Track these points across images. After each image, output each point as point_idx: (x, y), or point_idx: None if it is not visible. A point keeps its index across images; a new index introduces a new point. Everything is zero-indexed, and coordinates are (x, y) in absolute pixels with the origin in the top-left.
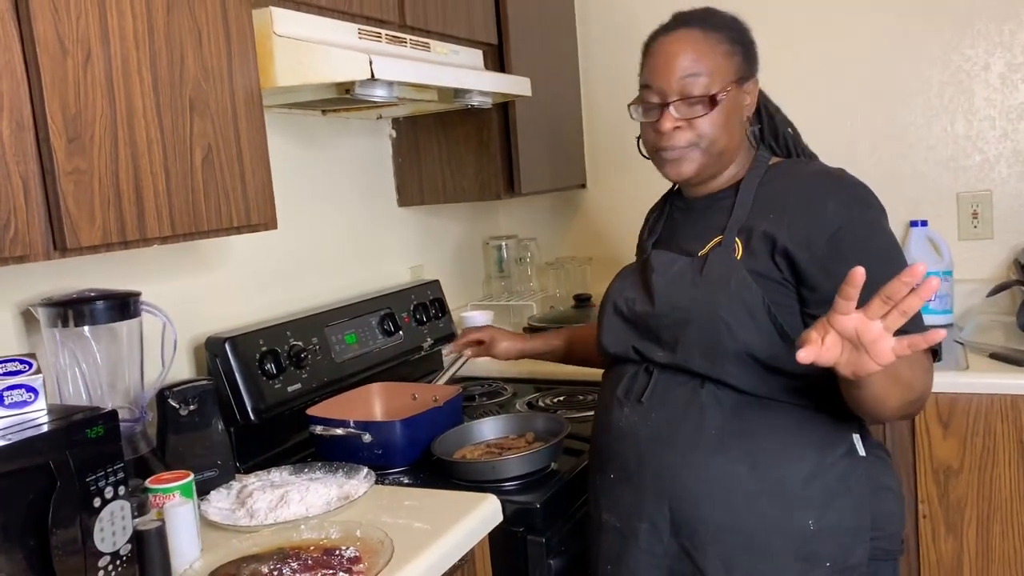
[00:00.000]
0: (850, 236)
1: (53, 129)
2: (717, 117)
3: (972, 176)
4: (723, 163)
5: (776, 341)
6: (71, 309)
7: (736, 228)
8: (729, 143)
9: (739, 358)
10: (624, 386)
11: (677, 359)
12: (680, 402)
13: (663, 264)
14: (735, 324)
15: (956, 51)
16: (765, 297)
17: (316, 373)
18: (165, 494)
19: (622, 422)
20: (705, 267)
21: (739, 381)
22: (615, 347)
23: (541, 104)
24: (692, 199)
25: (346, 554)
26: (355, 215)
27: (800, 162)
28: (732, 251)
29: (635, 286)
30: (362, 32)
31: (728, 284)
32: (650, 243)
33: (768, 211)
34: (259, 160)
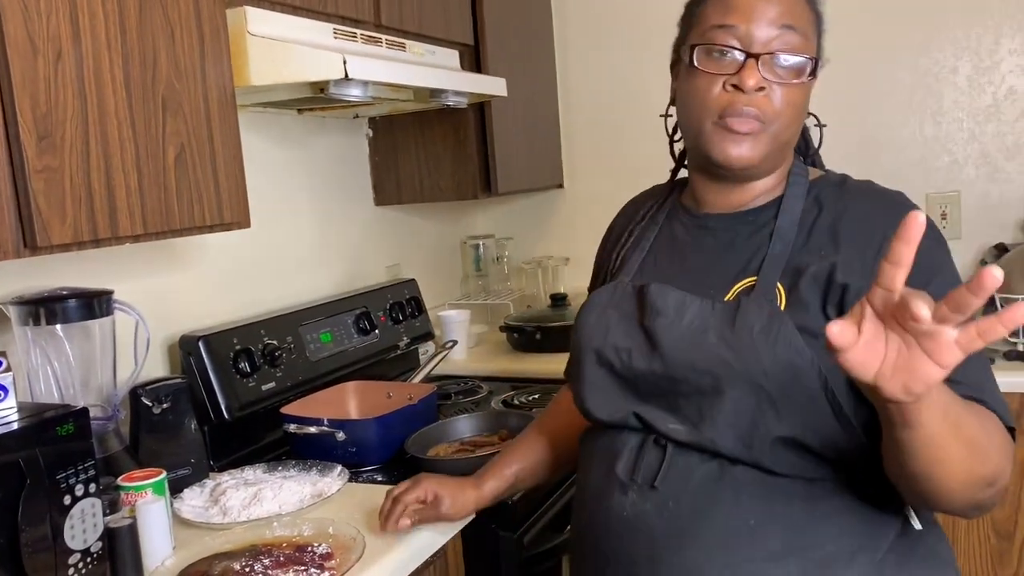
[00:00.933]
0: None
1: (23, 127)
2: (803, 94)
3: (941, 177)
4: (777, 162)
5: (832, 426)
6: (43, 307)
7: (777, 268)
8: (794, 136)
9: (785, 445)
10: (626, 463)
11: (702, 438)
12: (707, 485)
13: (672, 306)
14: (782, 402)
15: (925, 54)
16: (822, 368)
17: (291, 372)
18: (137, 492)
19: (627, 511)
20: (738, 319)
21: (781, 467)
22: (607, 414)
23: (518, 104)
24: (706, 215)
25: (318, 551)
26: (331, 214)
27: (846, 180)
28: (774, 299)
29: (628, 331)
30: (337, 32)
31: (772, 346)
32: (636, 263)
33: (815, 249)
34: (232, 159)
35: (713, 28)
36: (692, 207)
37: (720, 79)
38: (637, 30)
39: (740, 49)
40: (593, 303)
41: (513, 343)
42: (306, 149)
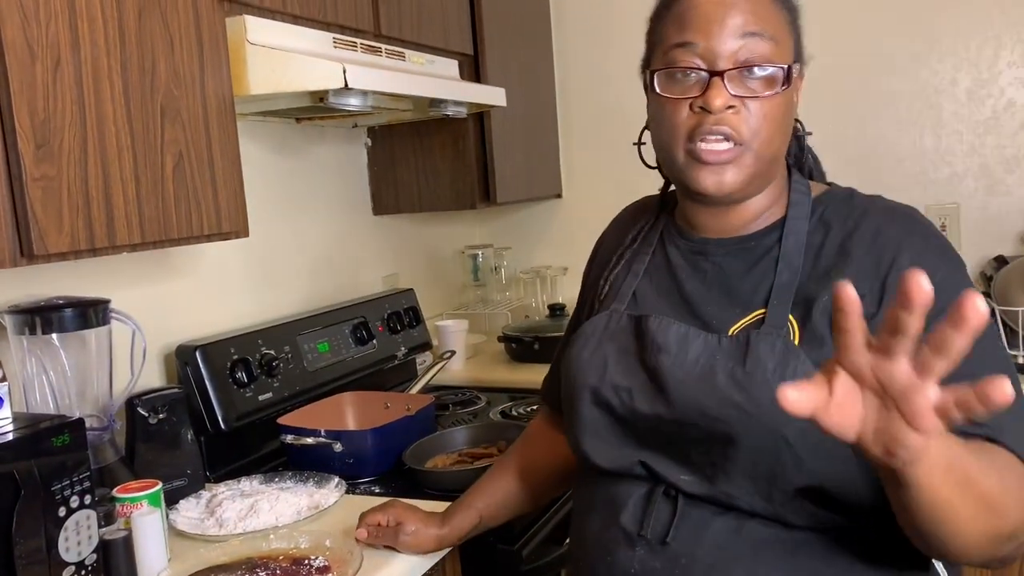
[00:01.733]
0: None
1: (21, 135)
2: (783, 104)
3: (940, 189)
4: (766, 179)
5: (853, 468)
6: (39, 316)
7: (787, 298)
8: (780, 149)
9: (807, 496)
10: (632, 515)
11: (716, 492)
12: (722, 540)
13: (672, 341)
14: (804, 450)
15: (924, 66)
16: None
17: (288, 382)
18: (132, 503)
19: (635, 568)
20: (749, 357)
21: (803, 520)
22: (608, 460)
23: (517, 114)
24: (704, 240)
25: (315, 563)
26: (330, 223)
27: (854, 195)
28: (786, 334)
29: (628, 367)
30: (337, 41)
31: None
32: (629, 290)
33: (825, 275)
34: (231, 168)
35: (673, 48)
36: (686, 230)
37: (686, 102)
38: (636, 40)
39: (703, 68)
40: (586, 335)
41: (511, 353)
42: (305, 158)
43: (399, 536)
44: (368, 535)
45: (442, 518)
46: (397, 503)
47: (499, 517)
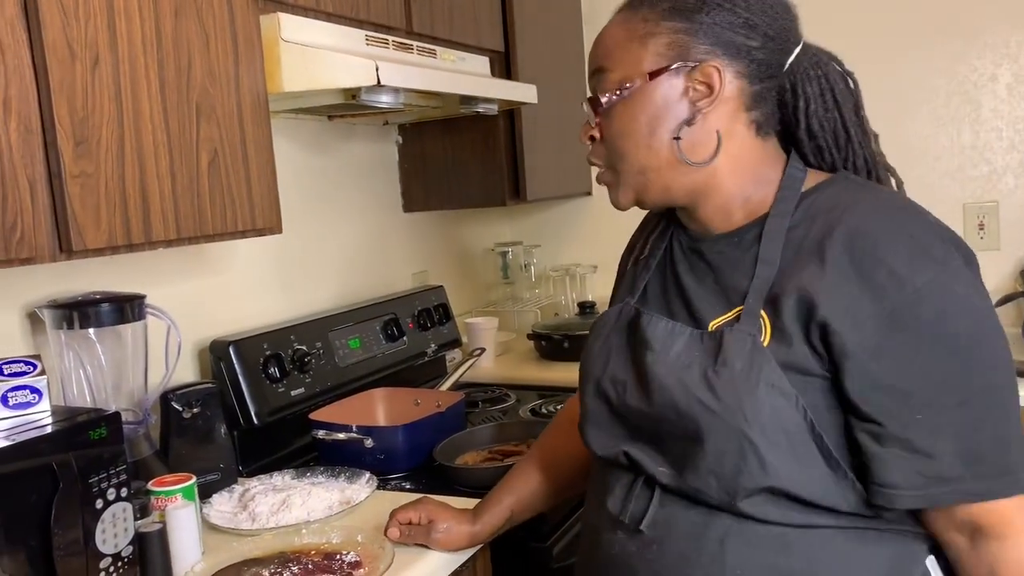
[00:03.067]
0: (916, 311)
1: (60, 132)
2: (616, 125)
3: (979, 187)
4: (680, 186)
5: (822, 472)
6: (76, 311)
7: (760, 296)
8: (652, 160)
9: (771, 494)
10: (615, 502)
11: (685, 485)
12: (692, 531)
13: (660, 338)
14: (767, 450)
15: (963, 61)
16: (808, 410)
17: (320, 377)
18: (167, 496)
19: (615, 549)
20: (720, 355)
21: (768, 515)
22: (601, 448)
23: (547, 111)
24: (700, 237)
25: (347, 559)
26: (360, 220)
27: (849, 185)
28: (757, 333)
29: (624, 361)
30: (369, 39)
31: (755, 388)
32: (642, 283)
33: (801, 269)
34: (265, 164)
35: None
36: (689, 228)
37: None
38: None
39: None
40: (599, 328)
41: (540, 351)
42: (336, 156)
43: (431, 534)
44: (400, 534)
45: (474, 515)
46: (428, 500)
47: (529, 511)
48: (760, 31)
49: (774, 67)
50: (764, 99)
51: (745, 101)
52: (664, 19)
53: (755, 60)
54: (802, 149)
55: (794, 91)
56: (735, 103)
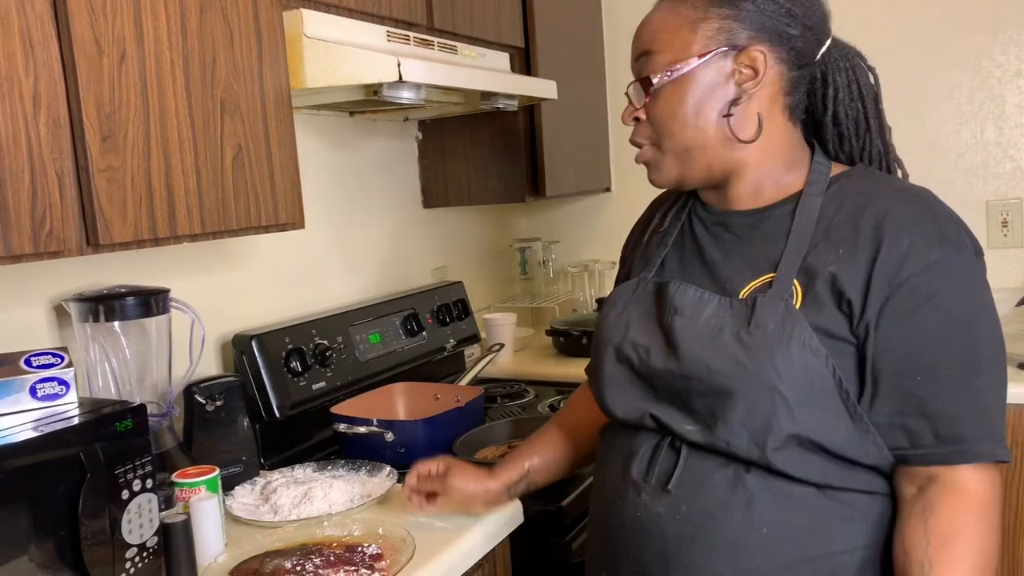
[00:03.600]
0: (926, 285)
1: (88, 127)
2: (664, 106)
3: (1002, 184)
4: (718, 164)
5: (847, 424)
6: (102, 305)
7: (794, 265)
8: (698, 137)
9: (799, 444)
10: (640, 464)
11: (715, 440)
12: (720, 491)
13: (689, 304)
14: (796, 402)
15: (987, 57)
16: (836, 367)
17: (340, 372)
18: (191, 488)
19: (640, 512)
20: (753, 318)
21: (796, 470)
22: (624, 411)
23: (567, 107)
24: (725, 212)
25: (368, 551)
26: (381, 216)
27: (870, 175)
28: (789, 297)
29: (647, 328)
30: (390, 35)
31: (787, 346)
32: (658, 260)
33: (834, 248)
34: (288, 160)
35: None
36: (711, 205)
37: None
38: None
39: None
40: (615, 299)
41: (559, 347)
42: (357, 151)
43: (447, 479)
44: (416, 480)
45: (489, 471)
46: (447, 457)
47: (546, 474)
48: (799, 20)
49: (809, 56)
50: (799, 86)
51: (784, 86)
52: (712, 5)
53: (794, 48)
54: (825, 136)
55: (824, 80)
56: (775, 87)
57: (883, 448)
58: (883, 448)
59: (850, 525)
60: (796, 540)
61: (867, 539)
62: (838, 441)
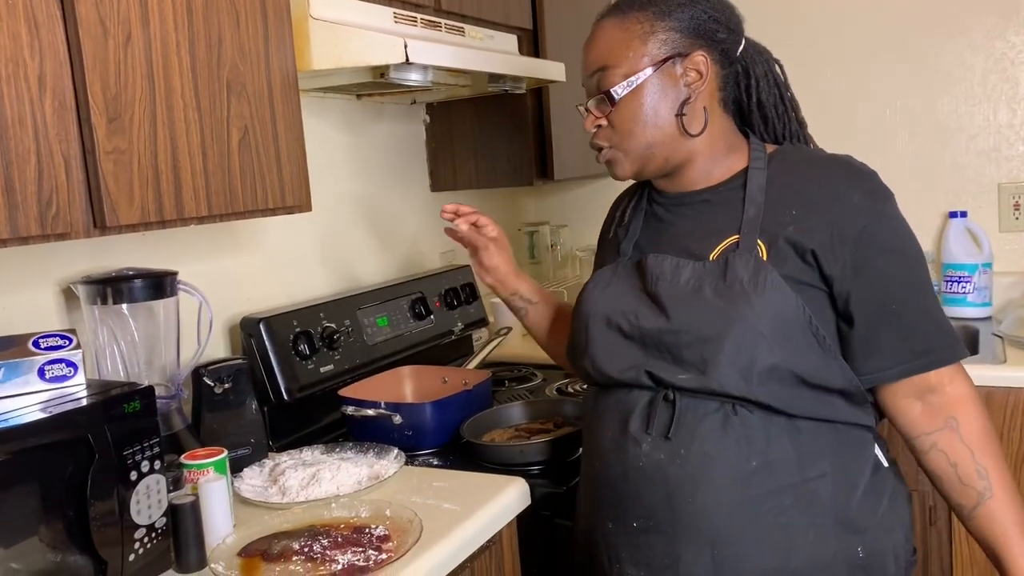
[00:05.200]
0: (880, 232)
1: (94, 109)
2: (625, 112)
3: (1015, 166)
4: (673, 156)
5: (817, 353)
6: (110, 287)
7: (754, 227)
8: (657, 135)
9: (778, 374)
10: (639, 419)
11: (709, 382)
12: (714, 433)
13: (667, 270)
14: (774, 337)
15: (1001, 38)
16: (805, 306)
17: (348, 355)
18: (199, 470)
19: (642, 461)
20: (728, 272)
21: (777, 400)
22: (621, 372)
23: (575, 89)
24: (681, 194)
25: (376, 532)
26: (388, 199)
27: (799, 149)
28: (756, 252)
29: (633, 296)
30: (397, 16)
31: (760, 290)
32: (629, 245)
33: (786, 210)
34: (295, 142)
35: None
36: (666, 191)
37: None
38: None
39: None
40: (597, 280)
41: None
42: (364, 135)
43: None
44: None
45: (514, 271)
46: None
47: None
48: (723, 24)
49: (733, 55)
50: (729, 81)
51: (719, 83)
52: (656, 19)
53: (723, 49)
54: (752, 122)
55: (746, 73)
56: (713, 84)
57: (849, 372)
58: (849, 372)
59: (820, 453)
60: (780, 469)
61: (835, 465)
62: (810, 368)
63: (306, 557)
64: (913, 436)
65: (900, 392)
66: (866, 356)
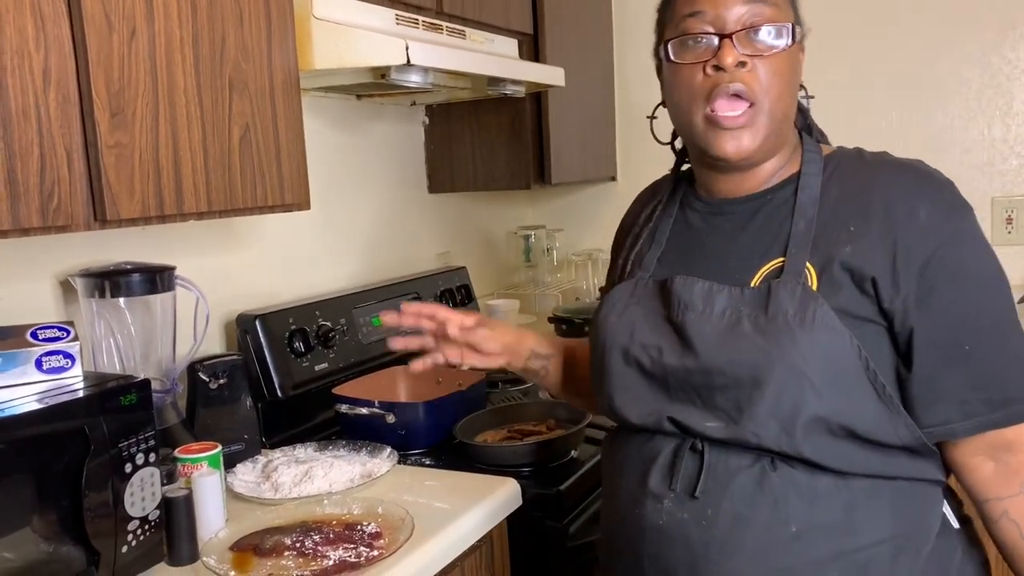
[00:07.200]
0: (953, 256)
1: (97, 103)
2: (789, 62)
3: (1008, 180)
4: (779, 140)
5: (875, 405)
6: (108, 280)
7: (804, 246)
8: (790, 108)
9: (827, 428)
10: (660, 471)
11: (742, 432)
12: (747, 491)
13: (699, 297)
14: (823, 385)
15: (996, 53)
16: (861, 347)
17: (343, 353)
18: (193, 464)
19: (663, 520)
20: (771, 304)
21: (824, 457)
22: (638, 416)
23: (574, 95)
24: (722, 201)
25: (367, 529)
26: (386, 200)
27: (860, 152)
28: (804, 280)
29: (655, 327)
30: (399, 18)
31: (809, 328)
32: (653, 258)
33: (843, 227)
34: (295, 141)
35: (684, 19)
36: (705, 195)
37: (699, 66)
38: None
39: (712, 33)
40: (612, 301)
41: (561, 335)
42: (364, 135)
43: (476, 331)
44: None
45: (517, 335)
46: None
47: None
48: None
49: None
50: None
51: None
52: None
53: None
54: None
55: None
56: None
57: (915, 428)
58: (915, 428)
59: (877, 516)
60: (825, 536)
61: (894, 529)
62: (867, 423)
63: (298, 552)
64: (982, 499)
65: (969, 449)
66: (928, 405)
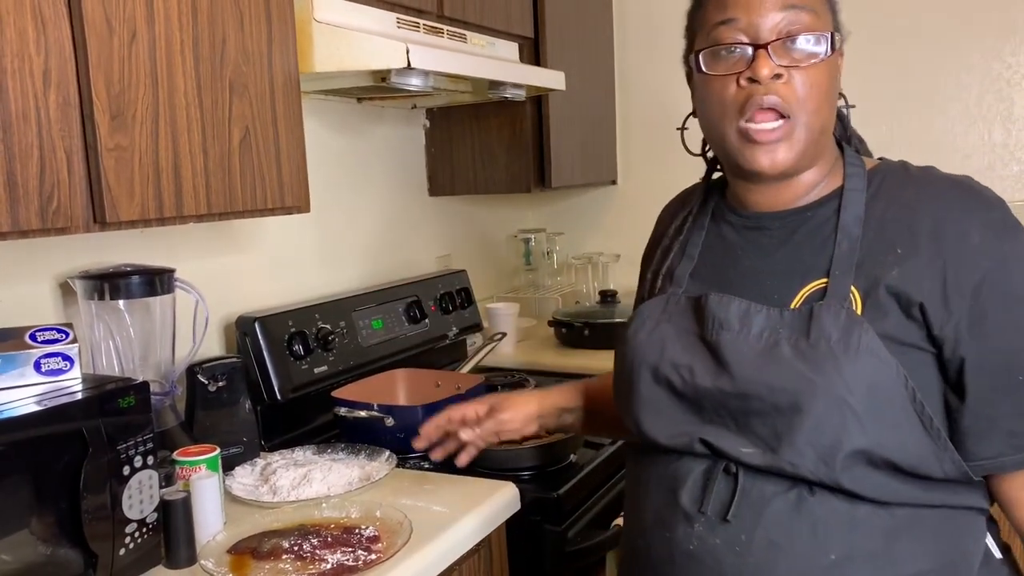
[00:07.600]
0: (1006, 279)
1: (97, 106)
2: (828, 73)
3: (1009, 186)
4: (817, 153)
5: (921, 438)
6: (107, 283)
7: (848, 268)
8: (828, 120)
9: (868, 460)
10: (692, 493)
11: (779, 461)
12: (783, 517)
13: (735, 317)
14: (867, 416)
15: (997, 59)
16: (908, 377)
17: (342, 356)
18: (192, 466)
19: (693, 544)
20: (813, 328)
21: (864, 488)
22: (668, 437)
23: (575, 98)
24: (760, 215)
25: (365, 533)
26: (386, 203)
27: (906, 166)
28: (848, 303)
29: (687, 345)
30: (400, 21)
31: (854, 356)
32: (685, 273)
33: (889, 248)
34: (295, 144)
35: (716, 27)
36: (739, 207)
37: (732, 77)
38: None
39: (747, 42)
40: (643, 317)
41: (561, 338)
42: (364, 138)
43: (498, 416)
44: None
45: (539, 395)
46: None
47: (575, 425)
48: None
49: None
50: None
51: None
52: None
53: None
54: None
55: None
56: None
57: (961, 464)
58: (961, 464)
59: (919, 545)
60: (864, 565)
61: (936, 560)
62: (911, 457)
63: (295, 556)
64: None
65: (1020, 483)
66: (979, 438)
